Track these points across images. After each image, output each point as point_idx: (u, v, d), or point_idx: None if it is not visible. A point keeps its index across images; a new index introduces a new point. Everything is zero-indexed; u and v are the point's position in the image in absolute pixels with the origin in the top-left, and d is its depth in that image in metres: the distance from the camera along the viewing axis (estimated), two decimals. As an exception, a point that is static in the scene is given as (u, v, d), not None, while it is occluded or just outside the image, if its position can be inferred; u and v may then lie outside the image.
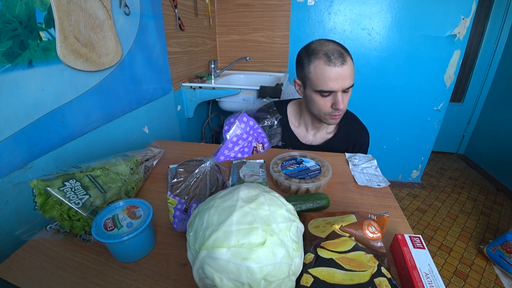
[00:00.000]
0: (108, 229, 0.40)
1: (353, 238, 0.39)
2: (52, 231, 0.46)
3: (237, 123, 0.68)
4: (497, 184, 2.18)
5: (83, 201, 0.43)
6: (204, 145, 0.87)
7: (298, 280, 0.34)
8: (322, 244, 0.38)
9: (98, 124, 0.86)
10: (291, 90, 1.89)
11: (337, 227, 0.40)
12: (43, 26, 0.65)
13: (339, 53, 0.70)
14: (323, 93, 0.72)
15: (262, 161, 0.69)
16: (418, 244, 0.40)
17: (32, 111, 0.65)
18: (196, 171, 0.56)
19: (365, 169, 0.68)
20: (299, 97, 0.89)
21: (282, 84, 1.40)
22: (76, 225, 0.44)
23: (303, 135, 0.90)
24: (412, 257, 0.38)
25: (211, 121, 1.87)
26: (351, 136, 0.87)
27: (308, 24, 1.73)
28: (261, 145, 0.75)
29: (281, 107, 0.92)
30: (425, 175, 2.34)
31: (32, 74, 0.64)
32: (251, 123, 0.71)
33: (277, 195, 0.38)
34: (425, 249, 0.39)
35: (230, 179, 0.61)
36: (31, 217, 0.64)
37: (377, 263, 0.35)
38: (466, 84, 2.43)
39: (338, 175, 0.66)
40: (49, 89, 0.68)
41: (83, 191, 0.44)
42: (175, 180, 0.56)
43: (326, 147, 0.88)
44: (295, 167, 0.62)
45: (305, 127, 0.90)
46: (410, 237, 0.41)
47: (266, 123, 0.75)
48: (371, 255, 0.36)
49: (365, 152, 0.88)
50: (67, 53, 0.72)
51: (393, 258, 0.42)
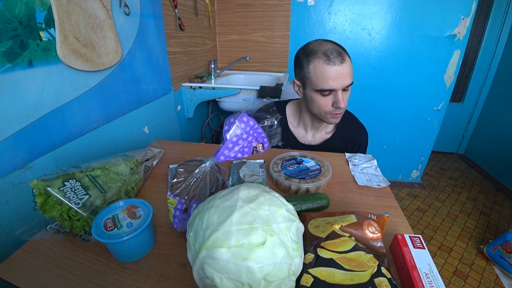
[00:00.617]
0: (108, 229, 0.40)
1: (353, 238, 0.39)
2: (52, 231, 0.46)
3: (237, 123, 0.68)
4: (497, 184, 2.18)
5: (83, 201, 0.43)
6: (204, 145, 0.87)
7: (298, 280, 0.34)
8: (322, 244, 0.38)
9: (98, 124, 0.86)
10: (291, 90, 1.89)
11: (337, 227, 0.40)
12: (43, 26, 0.65)
13: (338, 52, 0.70)
14: (323, 92, 0.73)
15: (262, 161, 0.69)
16: (418, 244, 0.40)
17: (32, 111, 0.65)
18: (196, 171, 0.56)
19: (365, 169, 0.68)
20: (298, 97, 0.89)
21: (282, 84, 1.40)
22: (76, 225, 0.44)
23: (302, 135, 0.90)
24: (412, 257, 0.38)
25: (211, 121, 1.87)
26: (349, 136, 0.87)
27: (308, 24, 1.73)
28: (261, 145, 0.75)
29: (279, 107, 0.92)
30: (425, 175, 2.34)
31: (32, 74, 0.64)
32: (251, 123, 0.71)
33: (277, 195, 0.38)
34: (425, 249, 0.39)
35: (230, 179, 0.61)
36: (31, 217, 0.64)
37: (377, 263, 0.35)
38: (466, 84, 2.43)
39: (338, 175, 0.66)
40: (49, 89, 0.68)
41: (83, 191, 0.44)
42: (175, 180, 0.56)
43: (325, 147, 0.88)
44: (295, 167, 0.62)
45: (304, 127, 0.90)
46: (410, 237, 0.41)
47: (266, 123, 0.75)
48: (371, 255, 0.36)
49: (364, 151, 0.88)
50: (67, 53, 0.72)
51: (393, 258, 0.42)
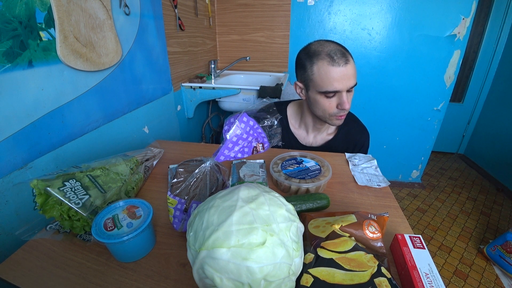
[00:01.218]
0: (108, 229, 0.40)
1: (353, 238, 0.39)
2: (52, 231, 0.46)
3: (237, 123, 0.68)
4: (497, 184, 2.18)
5: (83, 201, 0.43)
6: (204, 145, 0.87)
7: (298, 280, 0.34)
8: (322, 244, 0.38)
9: (98, 124, 0.86)
10: (291, 90, 1.89)
11: (337, 227, 0.40)
12: (43, 26, 0.65)
13: (341, 52, 0.69)
14: (328, 94, 0.71)
15: (262, 161, 0.69)
16: (418, 244, 0.40)
17: (32, 111, 0.65)
18: (196, 171, 0.56)
19: (365, 169, 0.68)
20: (298, 97, 0.89)
21: (282, 84, 1.40)
22: (76, 225, 0.44)
23: (303, 136, 0.90)
24: (412, 257, 0.38)
25: (211, 121, 1.87)
26: (351, 137, 0.87)
27: (308, 24, 1.73)
28: (261, 145, 0.75)
29: (280, 108, 0.91)
30: (425, 175, 2.34)
31: (32, 74, 0.64)
32: (251, 123, 0.71)
33: (277, 195, 0.37)
34: (425, 249, 0.39)
35: (230, 179, 0.61)
36: (31, 217, 0.64)
37: (377, 263, 0.35)
38: (466, 84, 2.43)
39: (338, 175, 0.66)
40: (49, 89, 0.68)
41: (83, 191, 0.44)
42: (175, 180, 0.56)
43: (326, 148, 0.88)
44: (295, 167, 0.62)
45: (305, 129, 0.89)
46: (410, 237, 0.41)
47: (266, 123, 0.75)
48: (371, 255, 0.36)
49: (365, 152, 0.88)
50: (67, 53, 0.72)
51: (393, 258, 0.42)
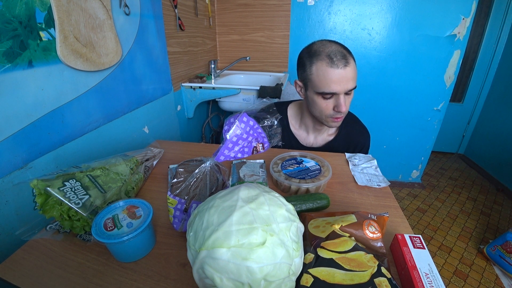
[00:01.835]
0: (108, 229, 0.40)
1: (353, 238, 0.39)
2: (52, 231, 0.46)
3: (237, 123, 0.68)
4: (497, 184, 2.18)
5: (83, 201, 0.43)
6: (204, 145, 0.87)
7: (298, 280, 0.34)
8: (322, 244, 0.38)
9: (98, 124, 0.86)
10: (291, 90, 1.89)
11: (337, 227, 0.40)
12: (43, 26, 0.65)
13: (342, 54, 0.68)
14: (325, 95, 0.71)
15: (262, 161, 0.69)
16: (418, 244, 0.40)
17: (32, 111, 0.65)
18: (196, 171, 0.56)
19: (365, 169, 0.68)
20: (299, 97, 0.89)
21: (282, 84, 1.40)
22: (76, 225, 0.44)
23: (304, 137, 0.89)
24: (412, 257, 0.38)
25: (211, 121, 1.87)
26: (351, 138, 0.86)
27: (308, 24, 1.73)
28: (261, 145, 0.75)
29: (281, 108, 0.91)
30: (425, 175, 2.34)
31: (32, 74, 0.64)
32: (251, 123, 0.71)
33: (277, 195, 0.37)
34: (425, 249, 0.39)
35: (230, 179, 0.61)
36: (31, 217, 0.64)
37: (377, 263, 0.35)
38: (466, 84, 2.43)
39: (338, 175, 0.66)
40: (49, 89, 0.68)
41: (83, 191, 0.44)
42: (175, 180, 0.56)
43: (327, 149, 0.87)
44: (295, 167, 0.62)
45: (305, 130, 0.89)
46: (410, 237, 0.41)
47: (266, 123, 0.75)
48: (371, 255, 0.36)
49: (366, 153, 0.88)
50: (67, 53, 0.72)
51: (393, 258, 0.42)
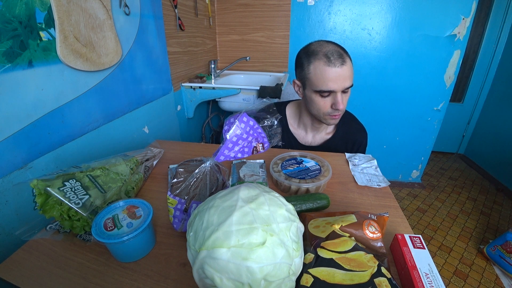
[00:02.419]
0: (108, 229, 0.40)
1: (353, 238, 0.39)
2: (52, 231, 0.46)
3: (237, 123, 0.68)
4: (497, 184, 2.18)
5: (83, 201, 0.43)
6: (204, 145, 0.87)
7: (298, 280, 0.34)
8: (322, 244, 0.38)
9: (98, 124, 0.86)
10: (291, 90, 1.89)
11: (337, 227, 0.40)
12: (43, 26, 0.65)
13: (339, 53, 0.70)
14: (322, 93, 0.73)
15: (262, 161, 0.69)
16: (418, 244, 0.40)
17: (32, 111, 0.65)
18: (196, 171, 0.56)
19: (365, 169, 0.68)
20: (298, 97, 0.89)
21: (282, 84, 1.40)
22: (76, 225, 0.44)
23: (302, 136, 0.90)
24: (412, 257, 0.38)
25: (211, 121, 1.87)
26: (349, 136, 0.87)
27: (308, 24, 1.73)
28: (261, 145, 0.75)
29: (280, 108, 0.92)
30: (425, 175, 2.34)
31: (32, 74, 0.64)
32: (251, 123, 0.71)
33: (277, 195, 0.37)
34: (425, 249, 0.39)
35: (230, 179, 0.61)
36: (31, 217, 0.63)
37: (377, 263, 0.35)
38: (466, 84, 2.43)
39: (338, 175, 0.66)
40: (49, 89, 0.68)
41: (83, 191, 0.44)
42: (175, 180, 0.56)
43: (325, 147, 0.88)
44: (295, 167, 0.62)
45: (304, 128, 0.90)
46: (410, 237, 0.41)
47: (266, 123, 0.75)
48: (371, 255, 0.36)
49: (364, 151, 0.89)
50: (67, 53, 0.72)
51: (393, 258, 0.42)
